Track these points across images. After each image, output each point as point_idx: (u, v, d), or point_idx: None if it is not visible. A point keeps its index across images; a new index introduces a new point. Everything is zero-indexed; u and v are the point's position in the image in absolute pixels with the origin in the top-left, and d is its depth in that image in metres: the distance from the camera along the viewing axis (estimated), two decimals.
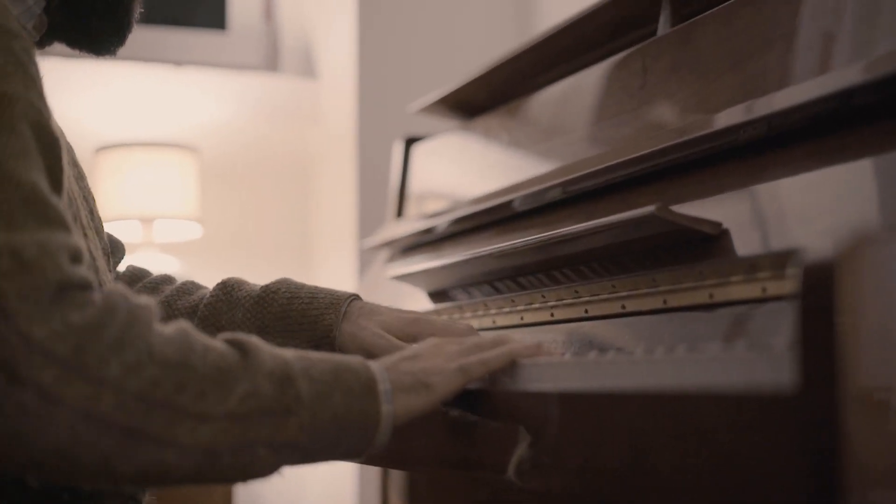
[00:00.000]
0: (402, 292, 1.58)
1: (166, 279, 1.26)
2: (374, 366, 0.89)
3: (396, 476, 1.83)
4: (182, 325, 0.84)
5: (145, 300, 0.83)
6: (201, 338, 0.84)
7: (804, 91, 0.95)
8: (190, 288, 1.22)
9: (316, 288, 1.16)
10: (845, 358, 0.56)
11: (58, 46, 1.11)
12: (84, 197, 1.07)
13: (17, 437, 0.77)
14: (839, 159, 0.90)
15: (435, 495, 1.76)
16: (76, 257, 0.82)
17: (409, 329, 1.11)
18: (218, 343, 0.85)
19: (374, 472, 1.94)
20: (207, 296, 1.18)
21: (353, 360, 0.89)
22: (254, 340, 0.86)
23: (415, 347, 0.97)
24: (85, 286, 0.80)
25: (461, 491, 1.67)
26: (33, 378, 0.76)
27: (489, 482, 1.57)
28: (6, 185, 0.81)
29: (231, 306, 1.16)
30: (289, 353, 0.87)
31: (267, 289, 1.16)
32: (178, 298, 1.20)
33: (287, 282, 1.17)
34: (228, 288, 1.18)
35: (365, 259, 2.70)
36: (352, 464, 2.76)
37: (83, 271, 0.82)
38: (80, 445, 0.78)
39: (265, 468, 0.84)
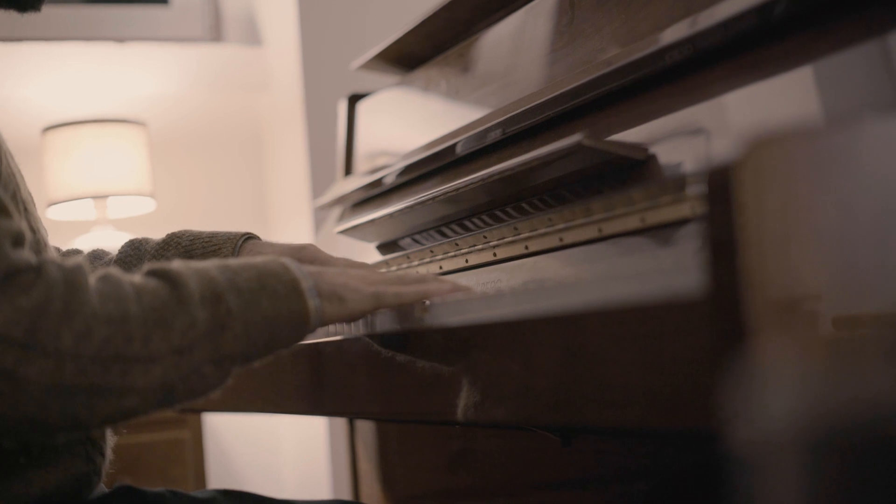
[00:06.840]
0: (354, 248, 1.58)
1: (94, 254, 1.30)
2: (294, 267, 0.93)
3: (364, 433, 1.84)
4: (108, 273, 0.86)
5: (74, 261, 0.85)
6: (128, 280, 0.86)
7: (722, 10, 0.95)
8: (100, 253, 1.28)
9: (216, 231, 1.21)
10: (752, 265, 0.57)
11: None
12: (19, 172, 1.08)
13: None
14: (758, 76, 0.90)
15: (404, 450, 1.77)
16: (18, 240, 0.84)
17: (298, 255, 1.14)
18: (145, 280, 0.87)
19: (344, 431, 1.94)
20: (116, 253, 1.24)
21: (274, 264, 0.92)
22: (175, 267, 0.88)
23: (342, 266, 0.99)
24: (27, 269, 0.82)
25: (431, 443, 1.68)
26: None
27: (458, 434, 1.58)
28: None
29: (139, 258, 1.21)
30: (213, 269, 0.89)
31: (171, 235, 1.22)
32: (91, 263, 1.25)
33: (190, 230, 1.23)
34: (136, 244, 1.23)
35: (320, 220, 2.70)
36: (324, 423, 2.78)
37: (25, 254, 0.83)
38: (50, 413, 0.81)
39: (214, 383, 0.88)
